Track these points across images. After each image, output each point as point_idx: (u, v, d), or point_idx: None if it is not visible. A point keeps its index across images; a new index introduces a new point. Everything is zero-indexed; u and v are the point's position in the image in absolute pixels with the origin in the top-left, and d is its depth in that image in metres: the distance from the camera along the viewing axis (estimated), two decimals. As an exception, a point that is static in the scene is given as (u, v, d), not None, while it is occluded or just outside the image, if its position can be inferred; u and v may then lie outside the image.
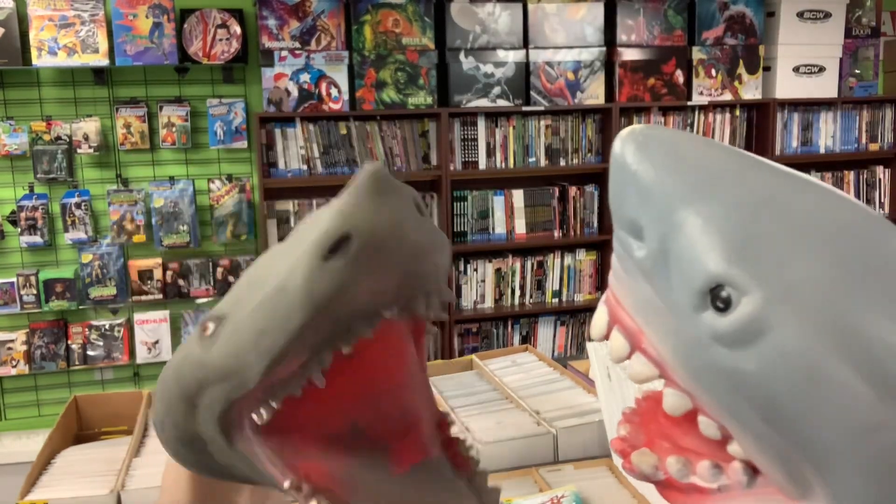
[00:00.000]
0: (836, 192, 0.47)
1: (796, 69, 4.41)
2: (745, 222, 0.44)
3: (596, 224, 4.35)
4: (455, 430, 0.58)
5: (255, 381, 0.48)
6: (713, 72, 4.33)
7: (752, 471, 0.46)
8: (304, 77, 3.86)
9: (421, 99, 3.99)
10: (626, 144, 0.48)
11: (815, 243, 0.43)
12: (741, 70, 4.36)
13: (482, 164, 4.13)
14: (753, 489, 0.45)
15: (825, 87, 4.47)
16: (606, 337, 0.50)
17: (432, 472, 0.54)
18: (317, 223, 0.46)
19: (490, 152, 4.14)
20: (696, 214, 0.44)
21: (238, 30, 3.82)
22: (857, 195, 4.73)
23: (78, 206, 3.81)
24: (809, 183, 0.47)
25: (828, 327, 0.41)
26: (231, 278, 3.97)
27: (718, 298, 0.43)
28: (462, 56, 4.00)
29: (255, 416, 0.51)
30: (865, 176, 4.75)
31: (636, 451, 0.49)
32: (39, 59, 3.66)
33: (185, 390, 0.52)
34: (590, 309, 4.41)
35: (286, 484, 0.51)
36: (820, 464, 0.41)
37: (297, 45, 3.86)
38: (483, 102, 4.05)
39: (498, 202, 4.19)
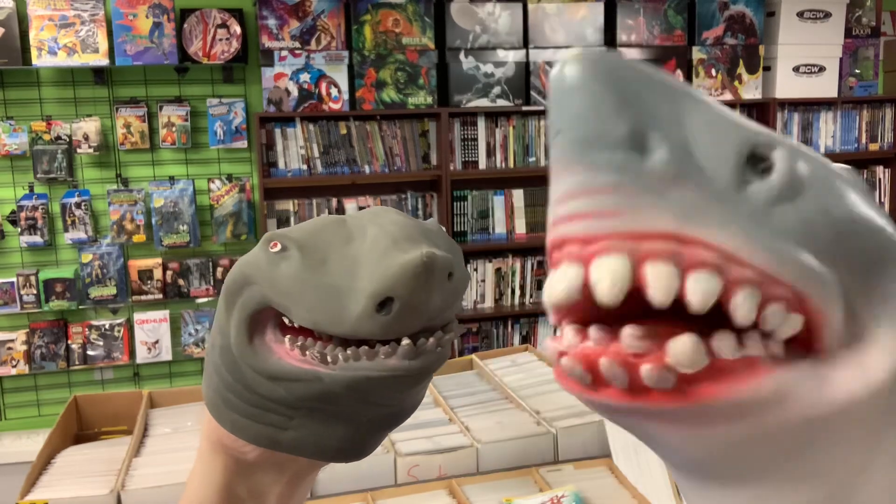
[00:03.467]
0: None
1: (796, 69, 4.41)
2: (723, 107, 0.46)
3: (596, 224, 4.34)
4: None
5: (295, 317, 0.57)
6: (713, 72, 4.33)
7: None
8: (304, 77, 3.86)
9: (421, 99, 3.99)
10: (578, 62, 0.42)
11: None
12: (741, 70, 4.36)
13: (482, 164, 4.13)
14: (781, 362, 0.42)
15: (825, 86, 4.47)
16: (635, 285, 0.40)
17: None
18: (383, 255, 0.55)
19: (490, 152, 4.14)
20: (694, 102, 0.43)
21: (238, 30, 3.82)
22: (857, 195, 4.73)
23: (78, 205, 3.81)
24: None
25: (821, 159, 0.46)
26: (231, 278, 3.96)
27: (759, 161, 0.42)
28: (462, 56, 4.00)
29: (284, 319, 0.59)
30: (865, 176, 4.75)
31: (671, 341, 0.40)
32: (39, 59, 3.66)
33: (234, 282, 0.62)
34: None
35: (289, 344, 0.58)
36: (882, 278, 0.43)
37: (297, 44, 3.86)
38: (483, 102, 4.05)
39: (498, 202, 4.19)
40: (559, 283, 0.41)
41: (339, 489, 1.62)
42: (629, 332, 0.40)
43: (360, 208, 4.07)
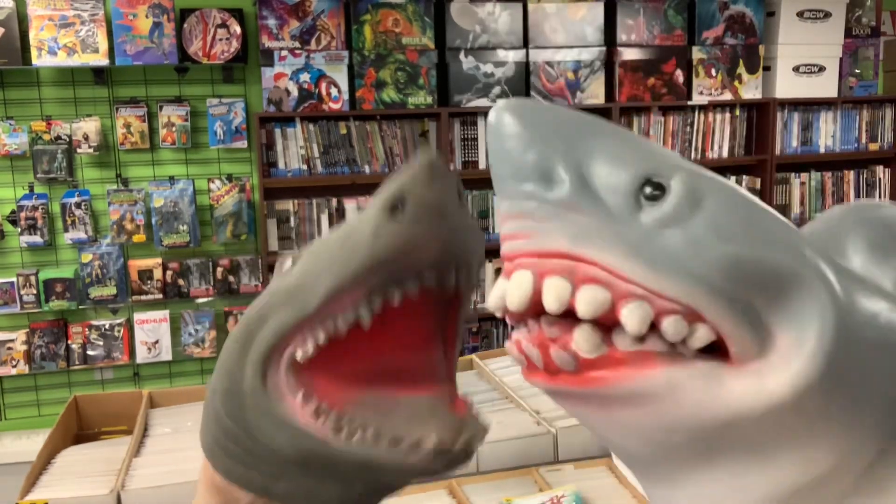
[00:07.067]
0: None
1: (796, 69, 4.41)
2: (634, 140, 0.51)
3: (596, 224, 4.34)
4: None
5: (315, 304, 0.55)
6: (713, 71, 4.33)
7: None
8: (304, 77, 3.86)
9: (421, 99, 3.99)
10: (504, 112, 0.52)
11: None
12: (741, 70, 4.36)
13: (482, 164, 4.13)
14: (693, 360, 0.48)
15: (825, 86, 4.47)
16: (535, 297, 0.49)
17: (432, 403, 0.59)
18: (383, 191, 0.56)
19: (490, 152, 4.14)
20: (601, 139, 0.50)
21: (238, 29, 3.82)
22: (857, 195, 4.73)
23: (78, 205, 3.81)
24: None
25: (727, 185, 0.50)
26: (231, 278, 3.97)
27: (652, 187, 0.48)
28: (462, 56, 4.00)
29: (298, 353, 0.57)
30: (865, 176, 4.74)
31: (574, 330, 0.49)
32: (39, 59, 3.66)
33: (246, 325, 0.60)
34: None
35: (302, 400, 0.56)
36: (781, 297, 0.46)
37: (297, 44, 3.86)
38: (483, 102, 4.05)
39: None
40: (495, 291, 0.53)
41: (339, 489, 1.62)
42: (545, 320, 0.49)
43: (361, 209, 4.08)
